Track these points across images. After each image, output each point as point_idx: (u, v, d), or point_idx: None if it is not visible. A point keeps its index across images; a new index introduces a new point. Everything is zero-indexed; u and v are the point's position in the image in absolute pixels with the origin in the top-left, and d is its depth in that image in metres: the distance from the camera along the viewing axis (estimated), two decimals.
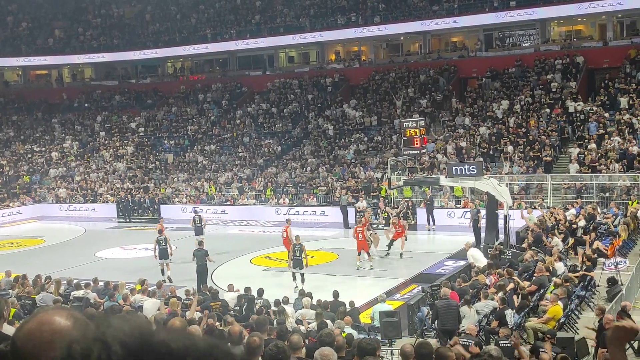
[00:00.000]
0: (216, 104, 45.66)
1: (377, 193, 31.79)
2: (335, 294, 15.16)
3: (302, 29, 44.88)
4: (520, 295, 14.24)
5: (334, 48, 47.36)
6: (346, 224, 29.79)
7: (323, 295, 15.51)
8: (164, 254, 21.47)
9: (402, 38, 44.78)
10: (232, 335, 7.16)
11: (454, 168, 22.04)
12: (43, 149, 45.18)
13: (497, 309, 13.25)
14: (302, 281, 19.09)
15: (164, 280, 19.17)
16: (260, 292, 15.94)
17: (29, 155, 44.44)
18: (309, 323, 13.29)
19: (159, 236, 21.97)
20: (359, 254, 21.47)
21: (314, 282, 18.80)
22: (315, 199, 33.08)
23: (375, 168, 33.97)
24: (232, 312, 14.75)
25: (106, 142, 44.82)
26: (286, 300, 15.34)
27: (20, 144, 45.87)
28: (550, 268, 15.72)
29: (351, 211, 30.14)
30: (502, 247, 19.87)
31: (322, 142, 38.11)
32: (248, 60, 49.71)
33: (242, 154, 39.41)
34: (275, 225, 30.40)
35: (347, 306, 14.36)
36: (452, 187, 28.25)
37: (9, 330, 7.01)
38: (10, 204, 37.88)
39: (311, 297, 15.07)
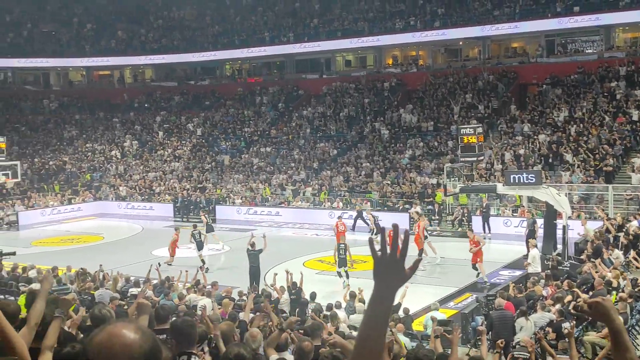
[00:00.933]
0: (273, 107, 46.05)
1: (432, 199, 31.56)
2: None
3: (360, 32, 44.87)
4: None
5: (391, 52, 47.21)
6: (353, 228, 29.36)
7: None
8: (200, 246, 23.44)
9: (460, 43, 44.34)
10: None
11: (512, 176, 21.69)
12: (104, 147, 46.35)
13: (554, 322, 12.97)
14: (347, 276, 19.92)
15: (203, 269, 21.07)
16: (313, 295, 15.98)
17: (90, 154, 45.65)
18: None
19: (194, 230, 23.91)
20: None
21: (367, 288, 18.73)
22: (369, 203, 33.00)
23: (430, 174, 33.71)
24: (284, 315, 14.83)
25: (164, 142, 45.68)
26: (338, 305, 15.33)
27: (82, 142, 47.18)
28: (614, 282, 15.29)
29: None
30: (560, 258, 19.47)
31: (377, 146, 38.01)
32: (305, 64, 49.99)
33: (297, 156, 39.63)
34: (328, 228, 30.41)
35: (401, 313, 14.27)
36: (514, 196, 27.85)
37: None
38: (72, 201, 38.91)
39: (364, 303, 15.03)
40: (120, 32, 55.26)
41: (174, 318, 6.48)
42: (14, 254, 21.55)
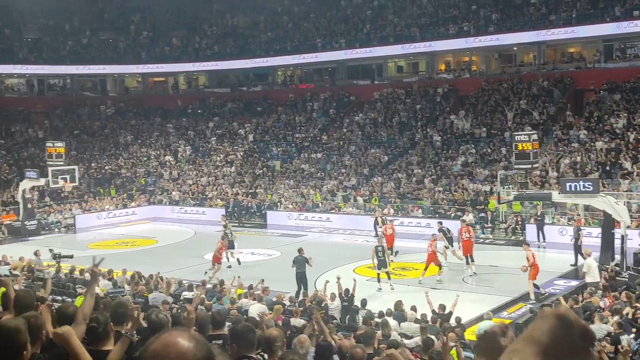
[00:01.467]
0: (324, 113, 46.19)
1: (485, 207, 31.15)
2: (442, 307, 14.95)
3: (412, 38, 44.66)
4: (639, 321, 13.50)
5: (444, 58, 46.83)
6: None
7: (427, 309, 15.32)
8: (231, 245, 25.03)
9: (515, 48, 43.68)
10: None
11: (568, 184, 21.25)
12: (158, 152, 47.22)
13: (612, 334, 12.61)
14: (389, 277, 20.68)
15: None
16: (364, 302, 15.93)
17: (145, 159, 46.56)
18: (413, 337, 13.15)
19: (226, 230, 25.54)
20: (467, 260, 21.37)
21: (418, 296, 18.59)
22: (420, 210, 32.76)
23: (483, 181, 33.27)
24: (334, 322, 14.82)
25: (217, 147, 46.27)
26: (389, 312, 15.26)
27: (137, 147, 48.16)
28: None
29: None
30: (618, 268, 18.96)
31: (428, 152, 37.74)
32: (357, 70, 49.99)
33: (348, 162, 39.63)
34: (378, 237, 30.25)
35: (453, 322, 14.11)
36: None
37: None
38: (127, 205, 39.71)
39: (415, 311, 14.92)
40: (175, 39, 56.28)
41: (229, 323, 6.53)
42: (71, 257, 22.10)
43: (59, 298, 15.39)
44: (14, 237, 32.92)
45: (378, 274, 20.74)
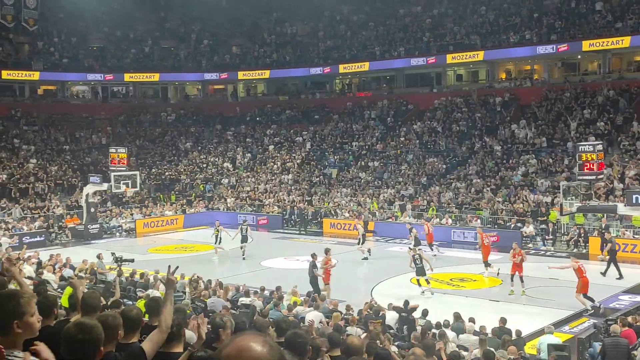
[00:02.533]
0: (381, 121, 46.08)
1: (546, 218, 30.50)
2: (503, 321, 14.68)
3: (473, 47, 44.16)
4: None
5: (504, 66, 46.17)
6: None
7: (485, 322, 15.08)
8: (245, 239, 28.19)
9: (579, 57, 42.73)
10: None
11: (634, 196, 20.64)
12: (217, 159, 47.91)
13: None
14: (427, 282, 20.90)
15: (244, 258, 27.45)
16: (425, 312, 15.78)
17: (204, 165, 47.30)
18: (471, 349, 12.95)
19: (242, 225, 28.98)
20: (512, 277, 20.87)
21: (477, 307, 18.34)
22: (479, 220, 32.30)
23: (544, 192, 32.61)
24: (390, 332, 14.73)
25: (274, 154, 46.66)
26: (447, 324, 15.07)
27: (197, 154, 48.98)
28: None
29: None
30: None
31: (488, 162, 37.21)
32: (415, 78, 49.74)
33: (406, 171, 39.40)
34: (436, 245, 29.97)
35: (514, 335, 13.85)
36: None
37: (190, 335, 7.45)
38: (186, 210, 40.33)
39: (474, 322, 14.70)
40: (234, 47, 57.11)
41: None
42: (132, 260, 22.53)
43: (120, 301, 15.73)
44: (78, 240, 33.84)
45: (418, 280, 21.24)
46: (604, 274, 23.12)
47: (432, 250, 27.81)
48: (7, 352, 3.01)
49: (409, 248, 23.49)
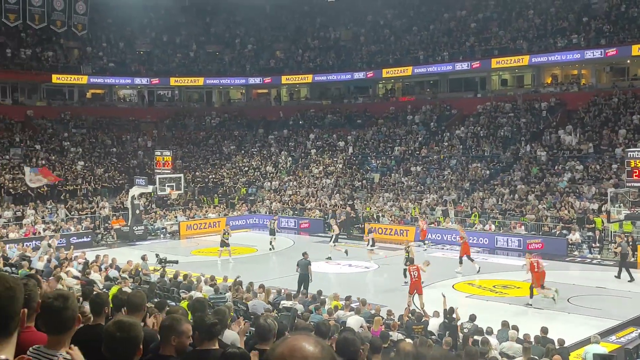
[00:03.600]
0: (424, 126, 45.83)
1: (592, 225, 29.91)
2: (544, 330, 14.46)
3: (518, 51, 43.59)
4: None
5: (551, 71, 45.48)
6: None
7: (530, 329, 14.86)
8: (272, 232, 31.71)
9: (628, 61, 41.85)
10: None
11: None
12: (259, 163, 48.25)
13: None
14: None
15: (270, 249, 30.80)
16: (473, 317, 15.64)
17: (247, 169, 47.67)
18: (514, 357, 12.80)
19: (273, 219, 32.61)
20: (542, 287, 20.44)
21: (520, 315, 18.10)
22: (523, 227, 31.84)
23: (591, 198, 31.99)
24: (432, 338, 14.63)
25: (317, 159, 46.77)
26: (490, 331, 14.92)
27: (240, 158, 49.40)
28: None
29: None
30: None
31: (533, 168, 36.68)
32: (459, 83, 49.36)
33: (449, 176, 39.09)
34: (479, 252, 29.71)
35: (556, 344, 13.62)
36: None
37: (228, 335, 7.54)
38: (229, 213, 40.70)
39: (517, 330, 14.51)
40: (278, 52, 57.51)
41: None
42: (176, 262, 22.92)
43: (165, 302, 15.94)
44: (123, 242, 34.43)
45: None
46: (617, 276, 23.74)
47: (424, 245, 30.83)
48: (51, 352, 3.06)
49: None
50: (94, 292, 5.36)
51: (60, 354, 3.03)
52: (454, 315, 15.28)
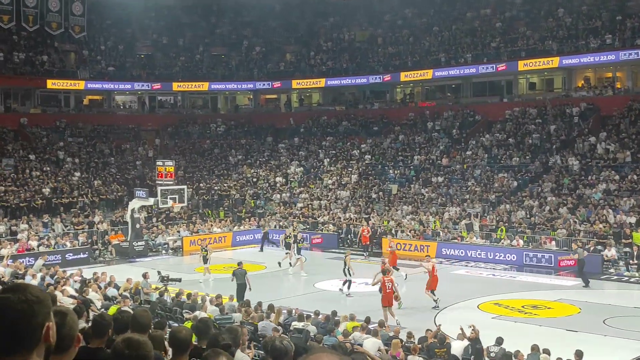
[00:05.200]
0: (446, 133, 45.74)
1: (630, 240, 29.66)
2: (579, 354, 14.31)
3: (547, 52, 43.47)
4: None
5: (583, 74, 45.30)
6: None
7: (563, 353, 14.71)
8: (288, 246, 31.62)
9: None
10: None
11: None
12: (268, 173, 48.28)
13: None
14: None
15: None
16: (500, 340, 15.51)
17: (255, 180, 47.72)
18: None
19: (289, 231, 33.16)
20: None
21: (552, 338, 17.92)
22: (553, 242, 31.62)
23: (628, 211, 31.75)
24: None
25: (330, 169, 46.74)
26: (517, 354, 14.78)
27: (247, 168, 49.47)
28: None
29: None
30: None
31: (564, 178, 36.49)
32: (483, 87, 49.27)
33: (472, 188, 38.95)
34: (506, 269, 29.53)
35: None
36: None
37: (239, 357, 7.51)
38: (235, 228, 40.69)
39: (549, 354, 14.38)
40: (288, 54, 57.68)
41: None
42: (179, 280, 22.95)
43: (164, 322, 15.91)
44: (122, 258, 34.48)
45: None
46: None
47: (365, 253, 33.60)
48: None
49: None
50: (98, 313, 5.36)
51: None
52: (471, 332, 15.18)
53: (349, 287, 25.21)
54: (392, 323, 19.13)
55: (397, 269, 26.87)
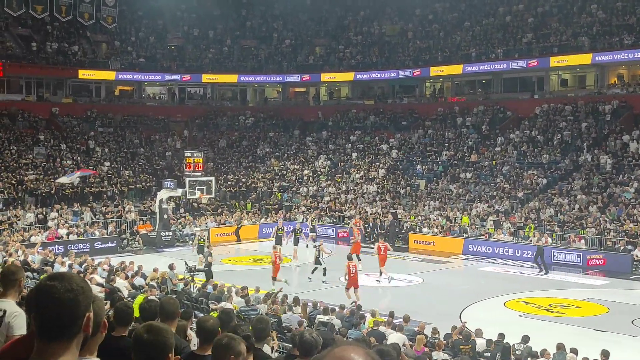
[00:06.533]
0: (475, 129, 45.42)
1: None
2: (606, 353, 14.17)
3: (580, 49, 42.93)
4: None
5: (616, 71, 44.71)
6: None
7: (589, 353, 14.58)
8: (296, 242, 31.67)
9: None
10: None
11: None
12: (296, 167, 48.35)
13: None
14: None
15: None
16: (526, 339, 15.43)
17: (283, 173, 47.82)
18: None
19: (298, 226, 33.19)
20: None
21: (579, 337, 17.77)
22: (583, 241, 31.31)
23: None
24: (482, 358, 14.47)
25: (357, 163, 46.68)
26: (543, 352, 14.68)
27: (275, 161, 49.59)
28: None
29: None
30: None
31: (595, 177, 36.08)
32: (514, 83, 48.86)
33: (501, 184, 38.67)
34: (534, 267, 29.29)
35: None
36: None
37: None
38: (262, 220, 40.82)
39: (576, 354, 14.26)
40: (318, 48, 57.65)
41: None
42: (209, 268, 23.04)
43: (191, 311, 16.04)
44: (149, 248, 34.79)
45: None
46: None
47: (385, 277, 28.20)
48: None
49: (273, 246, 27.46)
50: (122, 302, 5.42)
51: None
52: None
53: (324, 274, 26.09)
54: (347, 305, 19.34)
55: (360, 259, 27.81)
